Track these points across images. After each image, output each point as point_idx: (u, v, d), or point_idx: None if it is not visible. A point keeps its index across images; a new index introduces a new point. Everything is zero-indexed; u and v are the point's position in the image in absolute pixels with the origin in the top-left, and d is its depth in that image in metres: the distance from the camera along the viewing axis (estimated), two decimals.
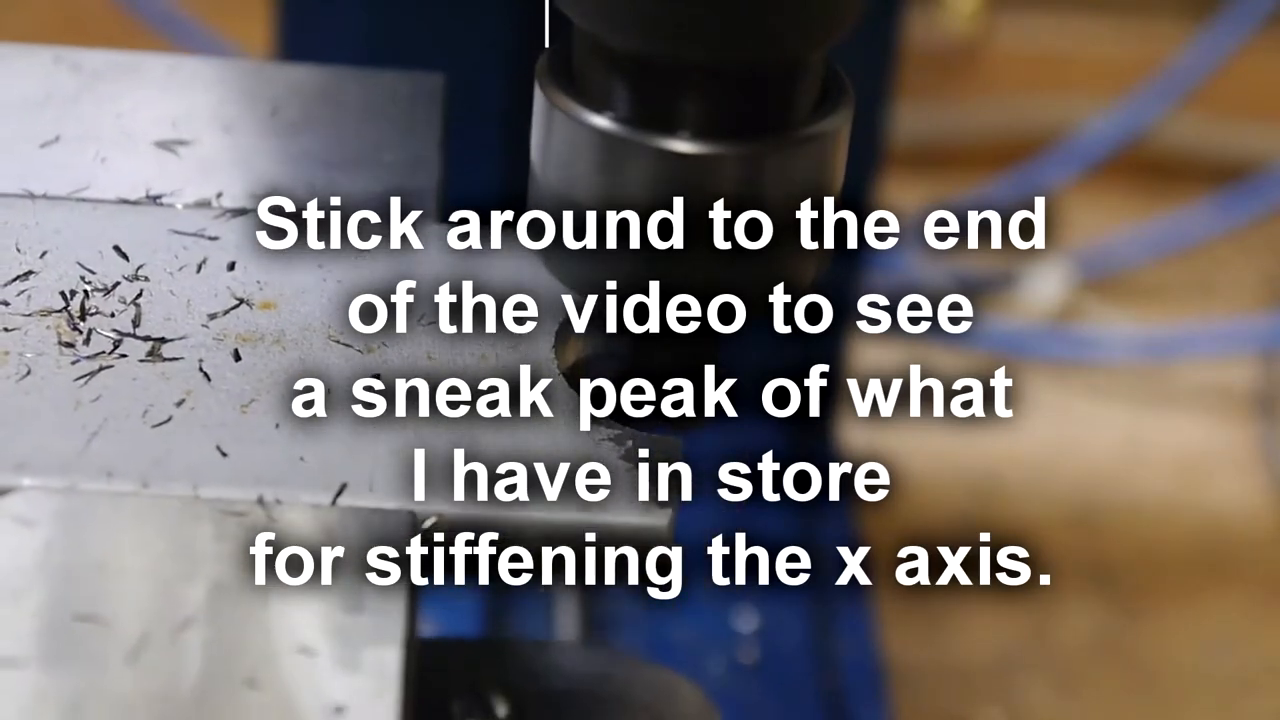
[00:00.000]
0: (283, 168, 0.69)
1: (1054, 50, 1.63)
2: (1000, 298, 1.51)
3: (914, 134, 1.55)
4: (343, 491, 0.57)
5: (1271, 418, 1.40)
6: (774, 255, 0.59)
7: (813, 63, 0.57)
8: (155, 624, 0.53)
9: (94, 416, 0.59)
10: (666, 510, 0.58)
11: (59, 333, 0.61)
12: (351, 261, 0.65)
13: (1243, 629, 1.25)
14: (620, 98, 0.57)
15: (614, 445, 0.60)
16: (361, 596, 0.54)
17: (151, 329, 0.62)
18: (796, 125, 0.57)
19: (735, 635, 1.05)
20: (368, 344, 0.62)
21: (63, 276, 0.63)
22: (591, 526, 0.58)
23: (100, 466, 0.57)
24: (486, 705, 0.66)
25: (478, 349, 0.63)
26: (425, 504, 0.57)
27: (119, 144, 0.69)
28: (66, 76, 0.72)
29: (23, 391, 0.59)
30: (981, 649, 1.22)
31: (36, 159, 0.68)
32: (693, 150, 0.56)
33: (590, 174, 0.57)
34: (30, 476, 0.57)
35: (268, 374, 0.61)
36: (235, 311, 0.63)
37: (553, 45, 0.59)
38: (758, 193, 0.57)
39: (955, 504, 1.32)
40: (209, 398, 0.60)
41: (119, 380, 0.60)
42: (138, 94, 0.72)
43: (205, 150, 0.69)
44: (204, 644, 0.53)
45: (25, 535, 0.55)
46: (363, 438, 0.59)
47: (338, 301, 0.64)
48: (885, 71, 1.10)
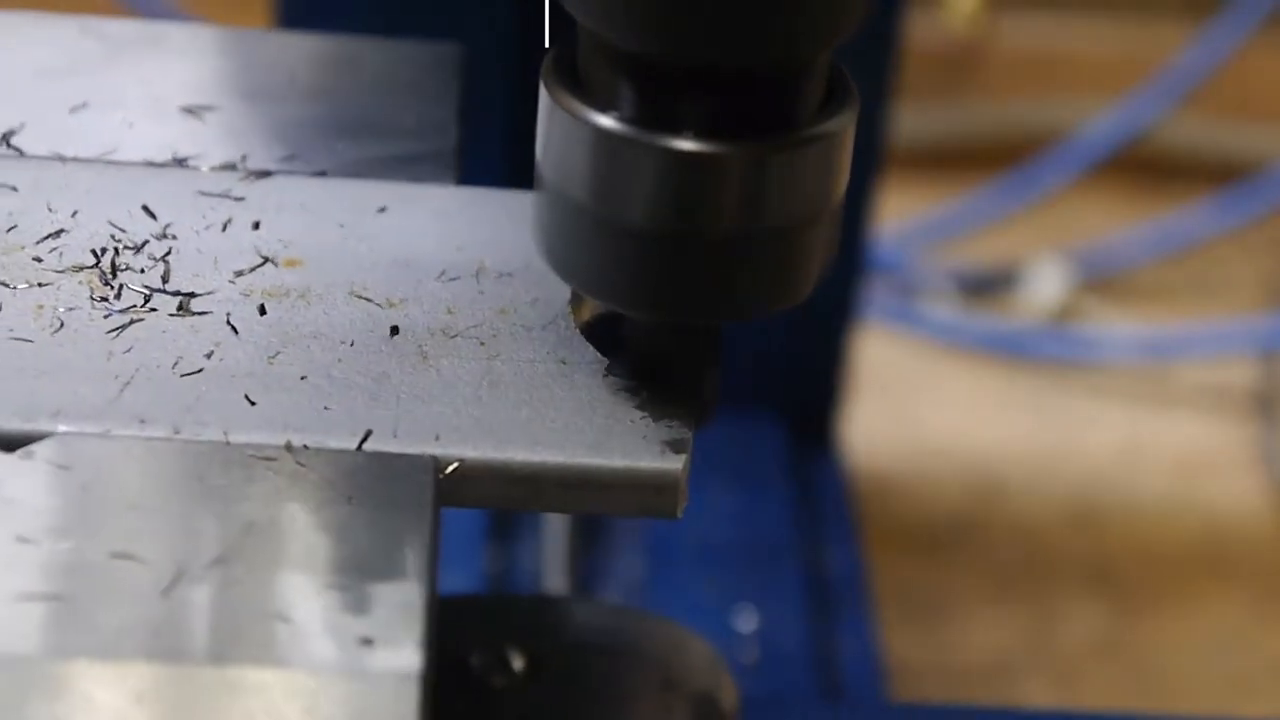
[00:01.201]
0: (303, 132, 0.71)
1: (1054, 50, 1.63)
2: (1000, 298, 1.51)
3: (914, 134, 1.55)
4: (368, 438, 0.59)
5: (1271, 418, 1.40)
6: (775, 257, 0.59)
7: (818, 63, 0.57)
8: (189, 560, 0.54)
9: (126, 367, 0.60)
10: (681, 456, 0.59)
11: (91, 287, 0.63)
12: (372, 218, 0.67)
13: (1242, 629, 1.25)
14: (625, 97, 0.57)
15: (629, 395, 0.61)
16: (390, 536, 0.56)
17: (180, 285, 0.64)
18: (801, 125, 0.57)
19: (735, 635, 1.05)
20: (389, 299, 0.64)
21: (94, 235, 0.65)
22: (608, 471, 0.59)
23: (133, 414, 0.59)
24: (504, 659, 0.68)
25: (497, 303, 0.64)
26: (447, 449, 0.59)
27: (145, 110, 0.71)
28: (93, 45, 0.74)
29: (57, 343, 0.61)
30: (981, 649, 1.22)
31: (66, 124, 0.70)
32: (697, 150, 0.56)
33: (594, 174, 0.57)
34: (66, 423, 0.58)
35: (293, 327, 0.63)
36: (261, 269, 0.65)
37: (557, 45, 0.59)
38: (762, 193, 0.57)
39: (955, 504, 1.32)
40: (237, 350, 0.62)
41: (149, 333, 0.62)
42: (162, 62, 0.74)
43: (228, 116, 0.71)
44: (235, 579, 0.54)
45: (63, 478, 0.57)
46: (385, 387, 0.61)
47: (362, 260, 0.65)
48: (886, 71, 1.10)
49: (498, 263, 0.66)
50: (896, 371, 1.43)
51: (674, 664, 0.70)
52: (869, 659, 1.07)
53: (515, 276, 0.65)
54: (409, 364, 0.62)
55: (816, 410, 1.22)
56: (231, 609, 0.53)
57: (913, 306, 1.47)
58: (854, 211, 1.13)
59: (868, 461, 1.31)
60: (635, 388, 0.61)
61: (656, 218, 0.57)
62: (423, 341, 0.63)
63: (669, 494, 0.59)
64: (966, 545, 1.29)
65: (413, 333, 0.63)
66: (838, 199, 0.59)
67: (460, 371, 0.62)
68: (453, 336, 0.63)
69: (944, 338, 1.45)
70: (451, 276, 0.65)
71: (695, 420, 0.61)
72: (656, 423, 0.60)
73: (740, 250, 0.58)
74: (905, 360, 1.44)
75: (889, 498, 1.31)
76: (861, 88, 0.59)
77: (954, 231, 1.54)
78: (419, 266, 0.65)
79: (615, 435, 0.60)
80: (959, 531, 1.30)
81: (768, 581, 1.09)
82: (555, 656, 0.68)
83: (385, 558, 0.55)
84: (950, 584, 1.26)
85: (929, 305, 1.48)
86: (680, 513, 0.60)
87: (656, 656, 0.69)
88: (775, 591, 1.08)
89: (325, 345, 0.62)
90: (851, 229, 1.12)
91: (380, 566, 0.55)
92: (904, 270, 1.50)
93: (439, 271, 0.65)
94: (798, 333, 1.18)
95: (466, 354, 0.62)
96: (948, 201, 1.55)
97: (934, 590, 1.25)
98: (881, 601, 1.17)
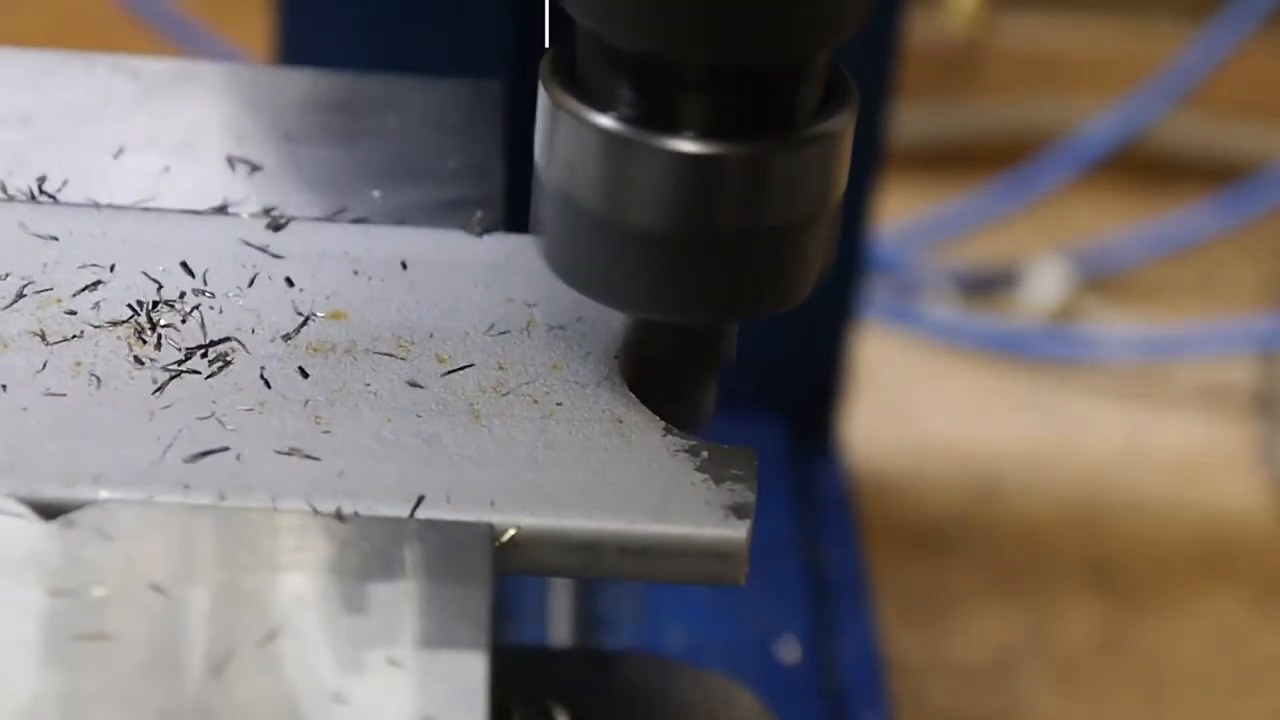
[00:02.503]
0: (346, 177, 0.68)
1: (1054, 50, 1.63)
2: (1000, 297, 1.51)
3: (914, 134, 1.55)
4: (420, 503, 0.57)
5: (1271, 418, 1.40)
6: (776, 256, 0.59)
7: (818, 62, 0.57)
8: (240, 637, 0.52)
9: (168, 428, 0.58)
10: (745, 521, 0.57)
11: (129, 343, 0.61)
12: (419, 268, 0.65)
13: (1242, 628, 1.25)
14: (624, 97, 0.57)
15: (689, 456, 0.59)
16: (446, 607, 0.54)
17: (221, 339, 0.61)
18: (801, 126, 0.57)
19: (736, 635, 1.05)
20: (438, 354, 0.62)
21: (130, 286, 0.63)
22: (670, 539, 0.57)
23: (176, 479, 0.56)
24: (547, 714, 0.65)
25: (549, 358, 0.62)
26: (503, 515, 0.57)
27: (181, 154, 0.69)
28: (126, 84, 0.72)
29: (96, 403, 0.58)
30: (981, 649, 1.22)
31: (101, 167, 0.68)
32: (697, 150, 0.56)
33: (594, 174, 0.57)
34: (108, 489, 0.56)
35: (339, 384, 0.60)
36: (304, 323, 0.62)
37: (556, 45, 0.59)
38: (761, 194, 0.57)
39: (955, 503, 1.32)
40: (281, 409, 0.59)
41: (191, 391, 0.59)
42: (198, 102, 0.71)
43: (267, 159, 0.69)
44: (290, 657, 0.52)
45: (106, 548, 0.54)
46: (437, 449, 0.58)
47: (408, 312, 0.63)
48: (886, 71, 1.10)
49: (548, 315, 0.64)
50: (897, 371, 1.43)
51: (721, 717, 0.67)
52: (869, 659, 1.07)
53: (567, 329, 0.63)
54: (461, 424, 0.59)
55: (816, 410, 1.22)
56: (286, 689, 0.51)
57: (913, 306, 1.47)
58: (854, 211, 1.13)
59: (868, 461, 1.31)
60: (695, 448, 0.59)
61: (655, 218, 0.57)
62: (474, 400, 0.60)
63: (733, 562, 0.57)
64: (966, 545, 1.29)
65: (464, 390, 0.61)
66: (837, 199, 0.59)
67: (514, 432, 0.59)
68: (505, 394, 0.61)
69: (944, 337, 1.46)
70: (501, 330, 0.63)
71: (754, 481, 0.58)
72: (719, 486, 0.58)
73: (739, 250, 0.58)
74: (905, 360, 1.44)
75: (889, 497, 1.31)
76: (861, 88, 0.59)
77: (954, 231, 1.54)
78: (467, 319, 0.63)
79: (676, 499, 0.57)
80: (959, 531, 1.30)
81: (768, 581, 1.09)
82: (600, 712, 0.66)
83: (443, 632, 0.53)
84: (950, 583, 1.26)
85: (929, 305, 1.48)
86: (743, 580, 0.57)
87: (705, 711, 0.67)
88: (775, 591, 1.08)
89: (373, 404, 0.60)
90: (851, 229, 1.12)
91: (438, 640, 0.53)
92: (904, 270, 1.50)
93: (489, 325, 0.63)
94: (798, 333, 1.18)
95: (520, 413, 0.60)
96: (948, 201, 1.55)
97: (934, 590, 1.25)
98: (881, 601, 1.17)
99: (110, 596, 0.53)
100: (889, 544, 1.26)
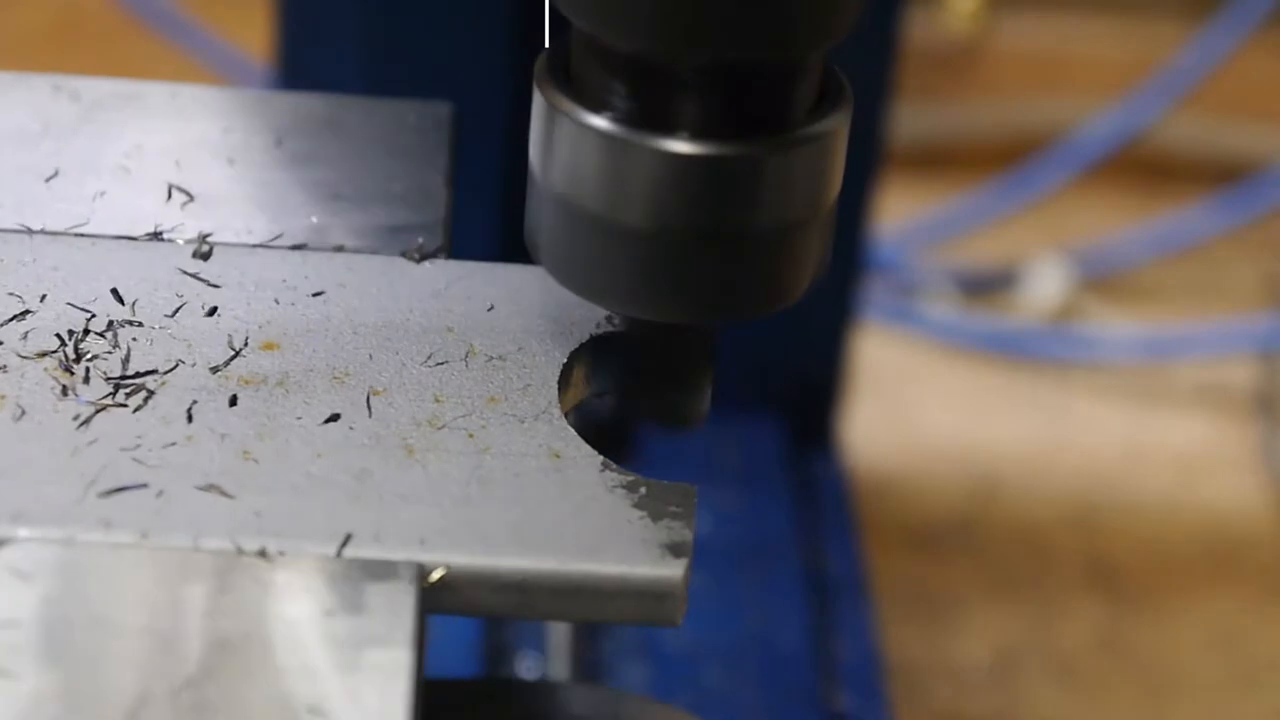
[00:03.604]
0: (288, 201, 0.67)
1: (1054, 50, 1.63)
2: (1000, 297, 1.51)
3: (914, 134, 1.55)
4: (348, 541, 0.56)
5: (1271, 418, 1.40)
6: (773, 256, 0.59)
7: (812, 63, 0.57)
8: (155, 682, 0.51)
9: (91, 464, 0.57)
10: (682, 560, 0.56)
11: (55, 376, 0.60)
12: (356, 296, 0.64)
13: (1243, 627, 1.25)
14: (618, 98, 0.57)
15: (626, 493, 0.58)
16: (370, 647, 0.53)
17: (150, 371, 0.60)
18: (796, 126, 0.57)
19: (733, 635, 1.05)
20: (372, 387, 0.61)
21: (60, 316, 0.61)
22: (604, 579, 0.56)
23: (99, 517, 0.55)
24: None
25: (487, 390, 0.61)
26: (433, 554, 0.56)
27: (119, 178, 0.68)
28: (66, 106, 0.70)
29: (19, 437, 0.57)
30: (981, 648, 1.22)
31: (35, 192, 0.67)
32: (691, 150, 0.56)
33: (588, 175, 0.58)
34: (27, 527, 0.55)
35: (269, 418, 0.59)
36: (237, 354, 0.61)
37: (551, 45, 0.59)
38: (756, 194, 0.57)
39: (955, 504, 1.32)
40: (210, 443, 0.58)
41: (116, 425, 0.58)
42: (139, 124, 0.70)
43: (208, 184, 0.68)
44: (205, 704, 0.51)
45: (21, 589, 0.53)
46: (367, 485, 0.57)
47: (341, 341, 0.62)
48: (885, 71, 1.10)
49: (488, 346, 0.63)
50: (896, 371, 1.43)
51: None
52: (869, 658, 1.07)
53: (507, 360, 0.62)
54: (393, 459, 0.58)
55: (816, 410, 1.22)
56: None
57: (912, 306, 1.47)
58: (853, 211, 1.13)
59: (867, 461, 1.31)
60: (634, 484, 0.58)
61: (649, 218, 0.57)
62: (407, 434, 0.59)
63: (669, 602, 0.56)
64: (966, 544, 1.29)
65: (397, 424, 0.59)
66: (832, 199, 0.60)
67: (447, 468, 0.58)
68: (440, 428, 0.59)
69: (944, 337, 1.46)
70: (439, 360, 0.62)
71: (694, 520, 0.57)
72: (656, 523, 0.57)
73: (734, 251, 0.58)
74: (905, 360, 1.44)
75: (889, 497, 1.31)
76: (861, 88, 0.59)
77: (954, 231, 1.54)
78: (405, 350, 0.62)
79: (611, 538, 0.56)
80: (959, 531, 1.30)
81: (768, 581, 1.09)
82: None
83: (364, 681, 0.52)
84: (950, 583, 1.26)
85: (929, 305, 1.48)
86: (680, 620, 0.56)
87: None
88: (775, 591, 1.08)
89: (303, 438, 0.58)
90: (851, 229, 1.13)
91: (361, 689, 0.51)
92: (904, 270, 1.50)
93: (426, 355, 0.62)
94: (798, 333, 1.18)
95: (454, 447, 0.59)
96: (948, 201, 1.55)
97: (934, 589, 1.25)
98: (881, 600, 1.17)
99: (22, 639, 0.52)
100: (889, 544, 1.26)
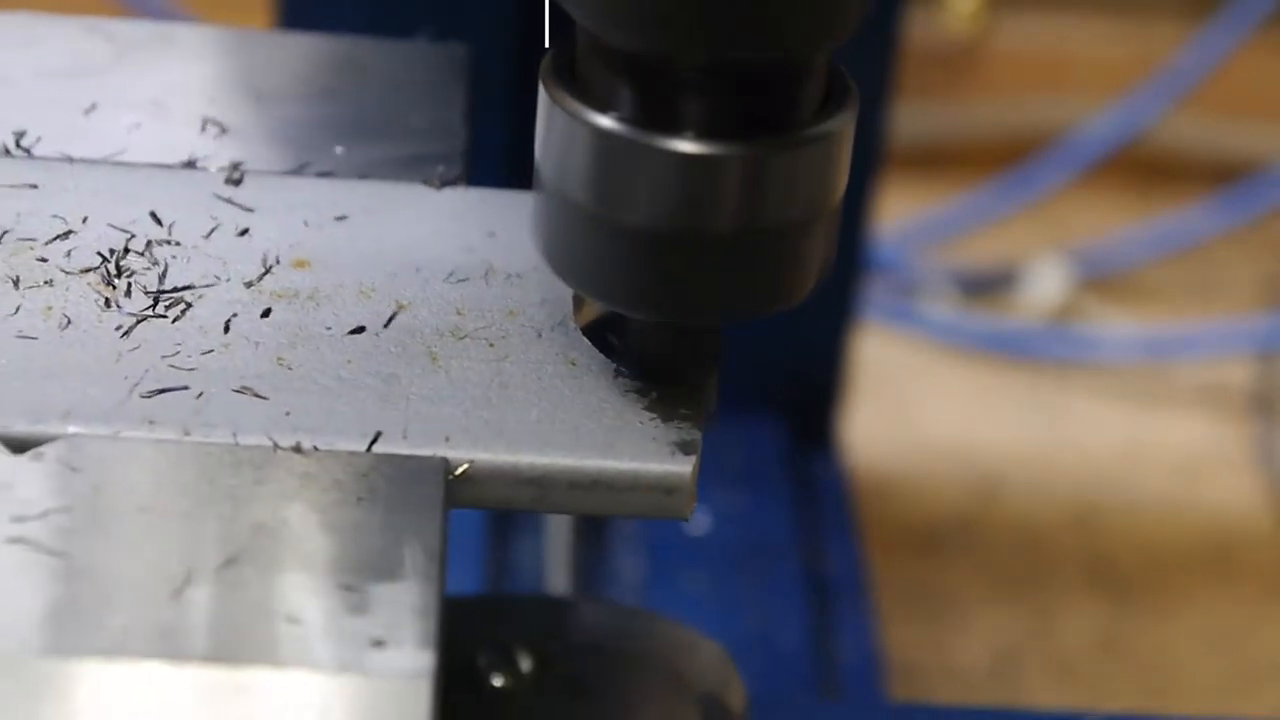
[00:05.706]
0: (311, 133, 0.71)
1: (1054, 50, 1.63)
2: (1000, 297, 1.51)
3: (914, 134, 1.56)
4: (377, 439, 0.59)
5: (1270, 418, 1.41)
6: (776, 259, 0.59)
7: (818, 62, 0.57)
8: (198, 562, 0.54)
9: (134, 368, 0.60)
10: (690, 457, 0.59)
11: (98, 290, 0.63)
12: (381, 219, 0.67)
13: (1242, 627, 1.26)
14: (624, 98, 0.57)
15: (638, 396, 0.61)
16: (400, 533, 0.56)
17: (187, 286, 0.64)
18: (801, 126, 0.57)
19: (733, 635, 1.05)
20: (398, 300, 0.64)
21: (101, 236, 0.65)
22: (618, 473, 0.59)
23: (142, 415, 0.59)
24: (511, 659, 0.67)
25: (506, 305, 0.64)
26: (457, 450, 0.59)
27: (153, 111, 0.71)
28: (100, 45, 0.74)
29: (65, 344, 0.61)
30: (981, 649, 1.22)
31: (74, 123, 0.70)
32: (697, 150, 0.56)
33: (594, 174, 0.57)
34: (76, 424, 0.58)
35: (301, 328, 0.62)
36: (269, 270, 0.65)
37: (556, 45, 0.59)
38: (761, 194, 0.57)
39: (955, 504, 1.32)
40: (245, 350, 0.61)
41: (157, 334, 0.62)
42: (169, 63, 0.73)
43: (236, 118, 0.71)
44: (245, 581, 0.54)
45: (72, 479, 0.56)
46: (395, 388, 0.61)
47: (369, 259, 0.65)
48: (885, 71, 1.10)
49: (506, 264, 0.66)
50: (896, 371, 1.43)
51: (683, 665, 0.69)
52: (869, 658, 1.07)
53: (524, 278, 0.65)
54: (418, 365, 0.62)
55: (816, 410, 1.22)
56: (241, 610, 0.53)
57: (912, 306, 1.47)
58: (853, 211, 1.13)
59: (867, 461, 1.31)
60: (645, 389, 0.61)
61: (655, 218, 0.57)
62: (431, 343, 0.63)
63: (679, 495, 0.59)
64: (966, 545, 1.29)
65: (422, 334, 0.63)
66: (837, 199, 0.59)
67: (470, 373, 0.62)
68: (462, 338, 0.63)
69: (943, 337, 1.46)
70: (460, 278, 0.65)
71: (704, 421, 0.61)
72: (666, 424, 0.60)
73: (739, 251, 0.58)
74: (905, 360, 1.44)
75: (889, 497, 1.31)
76: (861, 88, 0.59)
77: (954, 231, 1.54)
78: (428, 268, 0.65)
79: (624, 437, 0.60)
80: (959, 531, 1.30)
81: (768, 581, 1.09)
82: (563, 657, 0.68)
83: (395, 559, 0.55)
84: (950, 583, 1.26)
85: (928, 305, 1.48)
86: (690, 514, 0.60)
87: (665, 657, 0.69)
88: (775, 591, 1.08)
89: (334, 346, 0.62)
90: (851, 229, 1.13)
91: (390, 568, 0.55)
92: (903, 270, 1.50)
93: (448, 273, 0.65)
94: (798, 333, 1.18)
95: (476, 356, 0.62)
96: (947, 201, 1.55)
97: (934, 589, 1.25)
98: (881, 600, 1.17)
99: (75, 525, 0.55)
100: (889, 544, 1.26)
